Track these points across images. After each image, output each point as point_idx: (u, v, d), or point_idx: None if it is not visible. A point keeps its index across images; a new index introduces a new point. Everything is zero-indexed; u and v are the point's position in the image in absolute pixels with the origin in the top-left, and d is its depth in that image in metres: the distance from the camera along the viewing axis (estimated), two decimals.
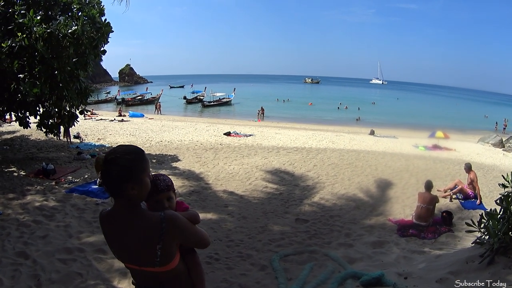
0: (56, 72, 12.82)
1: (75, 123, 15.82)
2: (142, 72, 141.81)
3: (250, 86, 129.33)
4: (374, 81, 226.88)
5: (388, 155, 20.39)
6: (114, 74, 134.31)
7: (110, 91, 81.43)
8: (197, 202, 10.92)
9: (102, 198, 10.22)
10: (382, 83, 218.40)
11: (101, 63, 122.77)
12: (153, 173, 2.74)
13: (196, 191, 12.07)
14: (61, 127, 15.50)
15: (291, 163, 16.70)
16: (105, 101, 69.43)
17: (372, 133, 34.21)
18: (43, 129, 14.78)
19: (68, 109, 14.78)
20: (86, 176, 12.74)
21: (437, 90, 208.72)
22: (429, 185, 10.84)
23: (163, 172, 13.85)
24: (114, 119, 35.82)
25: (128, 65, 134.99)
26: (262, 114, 50.02)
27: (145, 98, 71.55)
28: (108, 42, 15.19)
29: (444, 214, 10.61)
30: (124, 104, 62.38)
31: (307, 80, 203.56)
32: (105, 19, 14.48)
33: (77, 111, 15.23)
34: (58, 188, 11.13)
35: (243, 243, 8.18)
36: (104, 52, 15.48)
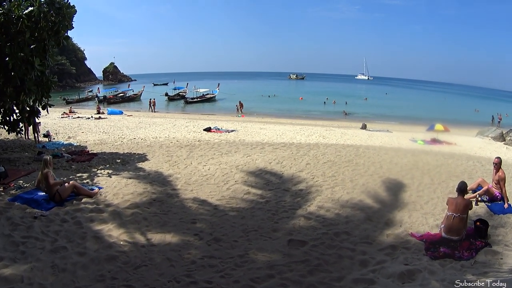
0: (8, 58, 11.68)
1: (36, 119, 15.61)
2: (126, 70, 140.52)
3: (234, 83, 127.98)
4: (360, 76, 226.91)
5: (391, 151, 18.23)
6: (99, 73, 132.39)
7: (92, 90, 78.66)
8: (156, 216, 8.37)
9: (44, 209, 8.70)
10: (368, 78, 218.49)
11: (85, 62, 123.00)
12: None
13: (159, 199, 9.51)
14: (24, 124, 15.20)
15: (278, 162, 14.21)
16: (86, 99, 67.01)
17: (364, 127, 32.84)
18: (5, 127, 14.27)
19: (30, 103, 13.95)
20: None
21: (423, 85, 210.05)
22: (463, 188, 8.28)
23: (124, 174, 11.69)
24: (91, 116, 34.60)
25: (112, 63, 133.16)
26: (240, 109, 47.38)
27: (126, 95, 69.64)
28: (73, 28, 13.89)
29: (478, 223, 8.12)
30: (106, 101, 60.52)
31: (292, 76, 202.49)
32: (68, 1, 13.18)
33: (40, 106, 14.14)
34: (3, 195, 9.60)
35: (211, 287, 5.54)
36: (67, 38, 14.23)
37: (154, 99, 51.62)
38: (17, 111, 14.13)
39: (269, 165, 13.64)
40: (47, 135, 20.32)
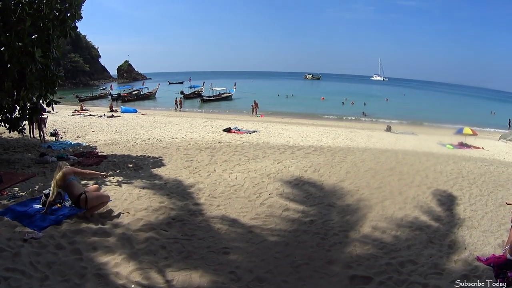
0: (3, 48, 10.42)
1: (42, 116, 15.36)
2: (141, 69, 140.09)
3: (250, 82, 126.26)
4: (375, 77, 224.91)
5: (431, 156, 16.71)
6: (113, 71, 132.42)
7: (105, 88, 77.82)
8: (177, 243, 6.58)
9: (37, 228, 6.94)
10: (383, 79, 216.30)
11: (99, 60, 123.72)
12: None
13: (179, 218, 7.73)
14: (29, 122, 14.60)
15: (315, 169, 12.46)
16: (99, 97, 66.24)
17: (388, 129, 31.80)
18: (5, 125, 13.16)
19: (34, 100, 12.74)
20: (37, 187, 9.45)
21: (437, 87, 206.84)
22: None
23: (137, 183, 10.03)
24: (104, 114, 33.72)
25: (126, 61, 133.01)
26: (255, 109, 45.36)
27: (141, 93, 68.61)
28: (82, 17, 12.56)
29: None
30: (120, 99, 59.76)
31: (307, 76, 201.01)
32: None
33: (44, 102, 12.91)
34: None
35: None
36: (75, 29, 12.71)
37: (181, 98, 50.37)
38: (18, 108, 12.78)
39: (305, 173, 11.91)
40: (54, 133, 19.03)
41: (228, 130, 23.42)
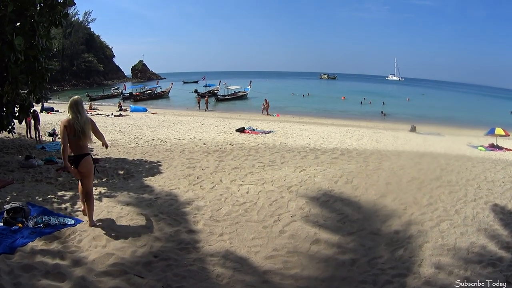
0: None
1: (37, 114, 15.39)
2: (156, 69, 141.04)
3: (265, 81, 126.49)
4: (391, 77, 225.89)
5: (476, 161, 14.77)
6: (127, 71, 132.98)
7: (118, 87, 77.48)
8: None
9: None
10: (399, 79, 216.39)
11: (114, 59, 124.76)
12: None
13: (164, 256, 5.39)
14: (26, 120, 14.25)
15: (347, 180, 10.12)
16: (111, 96, 65.16)
17: (413, 129, 30.21)
18: None
19: (23, 95, 11.50)
20: (9, 198, 7.86)
21: (453, 87, 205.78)
22: None
23: (121, 197, 8.10)
24: (112, 113, 33.11)
25: (141, 61, 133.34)
26: (266, 109, 42.79)
27: (154, 92, 67.59)
28: (75, 3, 11.71)
29: None
30: (132, 99, 59.14)
31: (323, 76, 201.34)
32: None
33: (34, 99, 11.86)
34: None
35: None
36: (66, 16, 11.48)
37: (206, 97, 49.37)
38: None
39: (335, 185, 9.56)
40: (52, 133, 18.22)
41: (241, 130, 21.67)
